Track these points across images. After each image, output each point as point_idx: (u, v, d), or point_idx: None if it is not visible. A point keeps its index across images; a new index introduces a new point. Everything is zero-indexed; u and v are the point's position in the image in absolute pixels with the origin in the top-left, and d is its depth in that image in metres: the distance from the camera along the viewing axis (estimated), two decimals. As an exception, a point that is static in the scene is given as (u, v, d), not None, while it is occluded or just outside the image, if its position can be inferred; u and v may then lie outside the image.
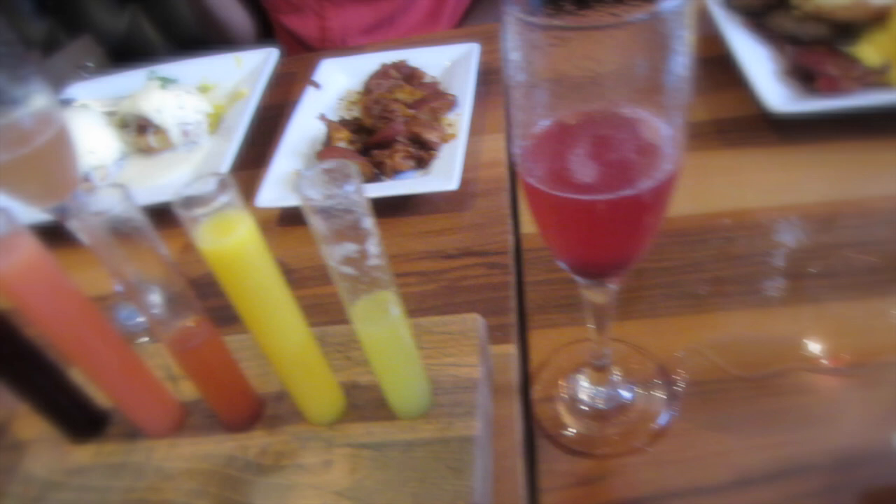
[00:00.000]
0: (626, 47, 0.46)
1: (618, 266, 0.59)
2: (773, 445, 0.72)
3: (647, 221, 0.53)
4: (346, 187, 0.47)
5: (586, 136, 0.51)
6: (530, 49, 0.45)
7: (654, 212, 0.52)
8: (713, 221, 0.97)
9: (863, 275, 0.86)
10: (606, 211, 0.51)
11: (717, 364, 0.80)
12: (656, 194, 0.51)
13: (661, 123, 0.50)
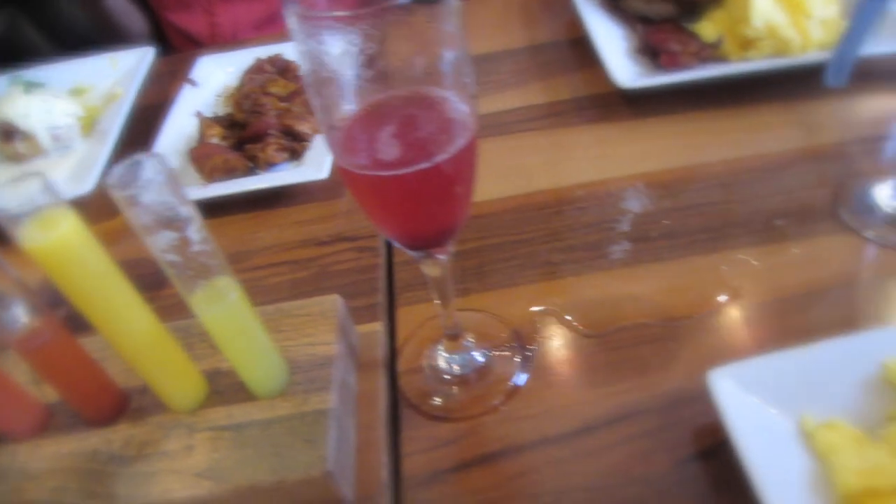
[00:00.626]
0: (407, 36, 0.50)
1: (438, 236, 0.63)
2: (614, 394, 0.78)
3: (453, 191, 0.58)
4: (149, 177, 0.49)
5: (386, 118, 0.55)
6: (313, 41, 0.48)
7: (457, 181, 0.57)
8: (569, 194, 1.03)
9: (698, 233, 0.94)
10: (412, 184, 0.55)
11: (566, 325, 0.86)
12: (455, 164, 0.55)
13: (455, 101, 0.55)
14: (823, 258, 0.89)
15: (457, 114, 0.55)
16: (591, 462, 0.73)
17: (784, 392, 0.70)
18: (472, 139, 0.56)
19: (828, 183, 0.98)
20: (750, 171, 1.01)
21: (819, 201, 0.95)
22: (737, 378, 0.71)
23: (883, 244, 0.89)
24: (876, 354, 0.72)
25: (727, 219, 0.95)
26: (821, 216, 0.93)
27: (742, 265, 0.89)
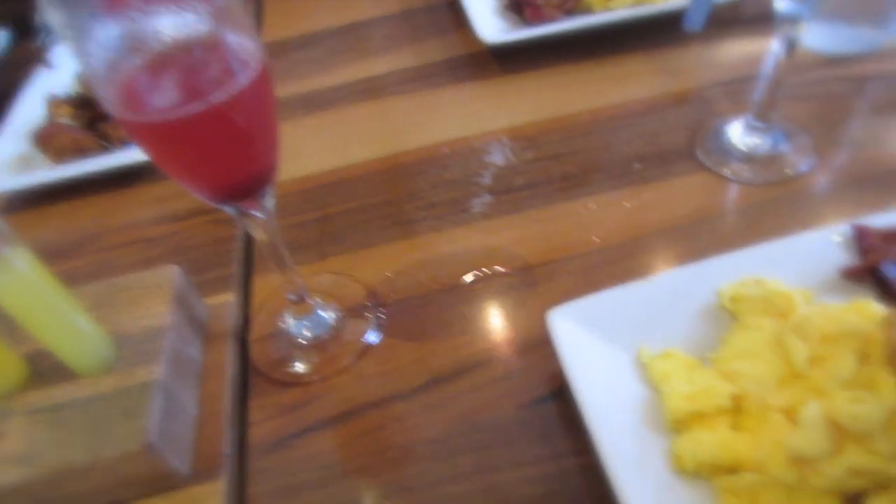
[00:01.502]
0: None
1: (241, 186, 0.60)
2: (465, 345, 0.77)
3: (241, 133, 0.55)
4: None
5: (164, 66, 0.52)
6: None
7: (244, 121, 0.54)
8: (434, 152, 1.01)
9: (559, 182, 0.93)
10: (193, 127, 0.52)
11: (422, 281, 0.84)
12: (238, 103, 0.52)
13: (236, 41, 0.52)
14: (680, 197, 0.89)
15: (239, 53, 0.53)
16: (438, 413, 0.72)
17: (622, 326, 0.69)
18: (256, 78, 0.53)
19: (687, 126, 0.98)
20: (613, 118, 1.01)
21: (678, 144, 0.95)
22: (575, 316, 0.70)
23: (736, 180, 0.89)
24: (711, 282, 0.72)
25: (588, 166, 0.94)
26: (679, 157, 0.94)
27: (600, 209, 0.88)
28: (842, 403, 0.56)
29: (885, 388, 0.58)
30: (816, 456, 0.55)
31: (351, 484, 0.67)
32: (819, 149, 0.91)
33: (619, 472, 0.58)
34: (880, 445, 0.55)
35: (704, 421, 0.61)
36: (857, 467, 0.55)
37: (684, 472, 0.60)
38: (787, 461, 0.56)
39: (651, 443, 0.62)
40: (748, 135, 0.92)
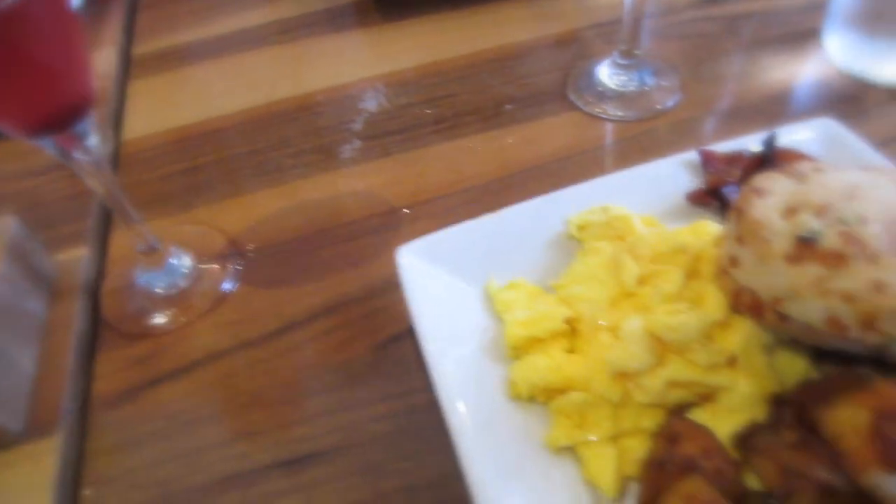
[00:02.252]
0: None
1: (44, 114, 0.56)
2: (322, 290, 0.75)
3: (30, 49, 0.51)
4: None
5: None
6: None
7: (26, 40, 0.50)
8: (309, 100, 0.98)
9: (430, 126, 0.91)
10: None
11: (285, 228, 0.81)
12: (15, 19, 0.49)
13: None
14: (550, 136, 0.88)
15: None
16: (290, 358, 0.70)
17: (472, 260, 0.68)
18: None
19: (561, 67, 0.97)
20: (488, 62, 1.00)
21: (551, 85, 0.95)
22: (424, 252, 0.68)
23: (605, 117, 0.89)
24: (561, 213, 0.71)
25: (461, 109, 0.93)
26: (551, 98, 0.93)
27: (470, 151, 0.87)
28: (661, 316, 0.56)
29: (711, 302, 0.59)
30: (637, 369, 0.55)
31: (195, 433, 0.65)
32: (686, 85, 0.92)
33: (450, 401, 0.58)
34: (699, 356, 0.56)
35: (541, 346, 0.61)
36: (677, 379, 0.56)
37: (519, 398, 0.60)
38: (610, 378, 0.56)
39: (490, 371, 0.62)
40: (616, 73, 0.92)
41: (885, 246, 0.50)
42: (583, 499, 0.55)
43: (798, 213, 0.54)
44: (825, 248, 0.51)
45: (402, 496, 0.60)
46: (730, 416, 0.56)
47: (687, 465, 0.50)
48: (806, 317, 0.52)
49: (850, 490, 0.47)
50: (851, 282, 0.50)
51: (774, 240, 0.53)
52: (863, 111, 0.86)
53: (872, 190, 0.54)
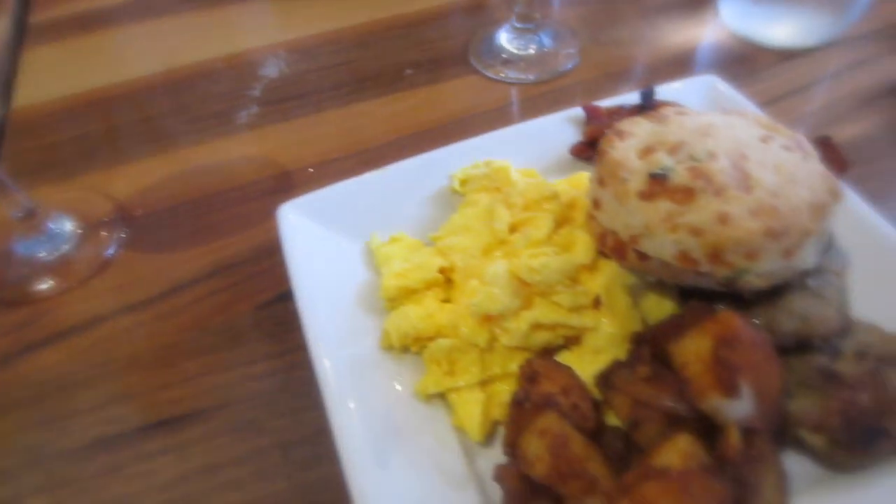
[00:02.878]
0: None
1: None
2: (208, 253, 0.73)
3: None
4: None
5: None
6: None
7: None
8: (207, 67, 0.96)
9: (330, 90, 0.90)
10: None
11: (175, 193, 0.79)
12: None
13: None
14: (448, 99, 0.88)
15: None
16: (172, 320, 0.68)
17: (355, 217, 0.68)
18: None
19: (464, 33, 0.97)
20: (391, 28, 0.99)
21: (452, 50, 0.94)
22: (306, 210, 0.67)
23: (503, 80, 0.89)
24: (446, 169, 0.71)
25: (361, 75, 0.92)
26: (452, 63, 0.93)
27: (368, 115, 0.87)
28: (525, 259, 0.56)
29: (580, 247, 0.59)
30: (501, 312, 0.55)
31: (69, 398, 0.63)
32: (586, 49, 0.92)
33: (319, 355, 0.57)
34: (563, 298, 0.56)
35: (415, 297, 0.61)
36: (542, 321, 0.56)
37: (392, 348, 0.60)
38: (477, 322, 0.56)
39: (365, 324, 0.61)
40: (515, 38, 0.92)
41: (732, 180, 0.51)
42: (452, 444, 0.55)
43: (654, 153, 0.54)
44: (675, 183, 0.52)
45: (277, 452, 0.59)
46: (595, 356, 0.56)
47: (544, 402, 0.50)
48: (659, 253, 0.52)
49: (694, 416, 0.48)
50: (698, 215, 0.50)
51: (630, 179, 0.54)
52: (753, 71, 0.88)
53: (726, 129, 0.55)
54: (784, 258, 0.51)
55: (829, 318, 0.54)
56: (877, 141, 0.79)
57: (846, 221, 0.66)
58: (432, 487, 0.52)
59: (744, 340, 0.47)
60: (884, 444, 0.51)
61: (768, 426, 0.48)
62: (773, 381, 0.48)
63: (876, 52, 0.89)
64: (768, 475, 0.48)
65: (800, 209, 0.51)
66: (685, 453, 0.45)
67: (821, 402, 0.52)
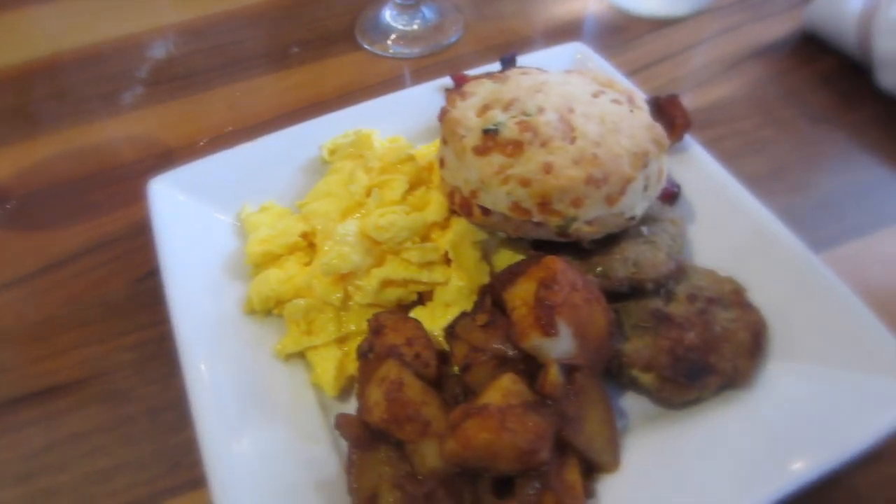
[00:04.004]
0: None
1: None
2: (86, 231, 0.73)
3: None
4: None
5: None
6: None
7: None
8: (93, 51, 0.95)
9: (217, 70, 0.91)
10: None
11: (56, 173, 0.79)
12: None
13: None
14: (333, 74, 0.89)
15: None
16: (47, 296, 0.68)
17: (227, 188, 0.68)
18: None
19: (352, 11, 0.98)
20: (279, 8, 1.00)
21: (339, 28, 0.96)
22: (178, 184, 0.68)
23: (387, 55, 0.91)
24: (317, 139, 0.72)
25: (248, 53, 0.93)
26: (338, 40, 0.94)
27: (253, 92, 0.88)
28: (373, 219, 0.58)
29: (433, 206, 0.61)
30: (352, 270, 0.57)
31: (-66, 377, 0.63)
32: (469, 24, 0.95)
33: (181, 323, 0.57)
34: (413, 255, 0.58)
35: (278, 261, 0.62)
36: (392, 277, 0.58)
37: (254, 312, 0.61)
38: (330, 282, 0.58)
39: (231, 291, 0.62)
40: (398, 14, 0.94)
41: (557, 132, 0.54)
42: (309, 401, 0.57)
43: (490, 110, 0.57)
44: (505, 137, 0.54)
45: (145, 418, 0.60)
46: (445, 310, 0.58)
47: (387, 352, 0.52)
48: (496, 205, 0.55)
49: (519, 357, 0.51)
50: (526, 166, 0.53)
51: (467, 135, 0.56)
52: (627, 40, 0.91)
53: (560, 86, 0.58)
54: (608, 204, 0.54)
55: (659, 263, 0.57)
56: (738, 102, 0.83)
57: (691, 174, 0.70)
58: (286, 443, 0.54)
59: (562, 282, 0.50)
60: (709, 379, 0.55)
61: (591, 364, 0.51)
62: (595, 322, 0.51)
63: (742, 19, 0.93)
64: (593, 410, 0.51)
65: (620, 157, 0.54)
66: (506, 391, 0.48)
67: (652, 342, 0.56)
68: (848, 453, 0.52)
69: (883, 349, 0.55)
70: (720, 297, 0.58)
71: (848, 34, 0.83)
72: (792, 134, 0.79)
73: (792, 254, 0.61)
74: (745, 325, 0.57)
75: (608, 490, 0.51)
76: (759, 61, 0.88)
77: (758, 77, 0.86)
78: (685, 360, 0.54)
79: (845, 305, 0.57)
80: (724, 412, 0.55)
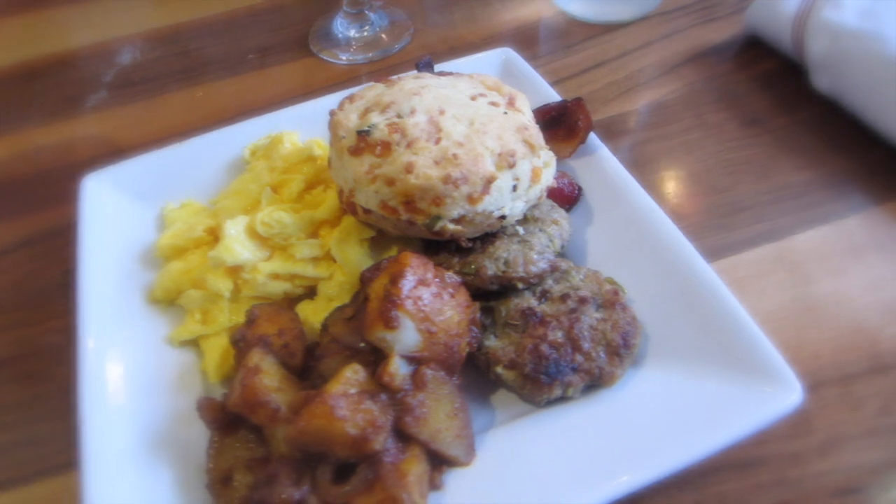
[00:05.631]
0: None
1: None
2: (28, 224, 0.79)
3: None
4: None
5: None
6: None
7: None
8: (67, 57, 1.01)
9: (176, 74, 0.96)
10: None
11: (10, 172, 0.86)
12: None
13: None
14: (284, 80, 0.93)
15: None
16: (-14, 283, 0.74)
17: (155, 185, 0.72)
18: None
19: (307, 21, 1.02)
20: (241, 17, 1.04)
21: (295, 37, 0.99)
22: (111, 180, 0.72)
23: (335, 62, 0.94)
24: (243, 141, 0.76)
25: (207, 60, 0.98)
26: (292, 47, 0.98)
27: (208, 96, 0.92)
28: (260, 216, 0.61)
29: (326, 204, 0.64)
30: (238, 263, 0.60)
31: None
32: (418, 31, 0.97)
33: (85, 303, 0.62)
34: (299, 251, 0.61)
35: (185, 254, 0.66)
36: (278, 271, 0.61)
37: (158, 301, 0.65)
38: (221, 274, 0.61)
39: (142, 282, 0.66)
40: (348, 23, 0.97)
41: (423, 133, 0.56)
42: (195, 385, 0.60)
43: (370, 112, 0.59)
44: (375, 138, 0.56)
45: (57, 397, 0.64)
46: (328, 304, 0.61)
47: (257, 342, 0.55)
48: (368, 203, 0.57)
49: (368, 349, 0.52)
50: (392, 166, 0.55)
51: (347, 137, 0.58)
52: (570, 45, 0.92)
53: (438, 89, 0.60)
54: (470, 203, 0.55)
55: (529, 262, 0.58)
56: (669, 106, 0.83)
57: (595, 176, 0.71)
58: (164, 424, 0.57)
59: (409, 277, 0.51)
60: (571, 378, 0.55)
61: (441, 358, 0.52)
62: (446, 317, 0.53)
63: (686, 24, 0.93)
64: (438, 404, 0.52)
65: (482, 157, 0.55)
66: (347, 380, 0.50)
67: (518, 340, 0.57)
68: (700, 455, 0.52)
69: (755, 354, 0.55)
70: (595, 298, 0.59)
71: (784, 36, 0.82)
72: (718, 137, 0.79)
73: (678, 256, 0.61)
74: (614, 326, 0.57)
75: (457, 483, 0.52)
76: (698, 65, 0.87)
77: (694, 81, 0.86)
78: (546, 359, 0.55)
79: (724, 309, 0.57)
80: (586, 411, 0.56)
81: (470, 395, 0.57)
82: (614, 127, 0.81)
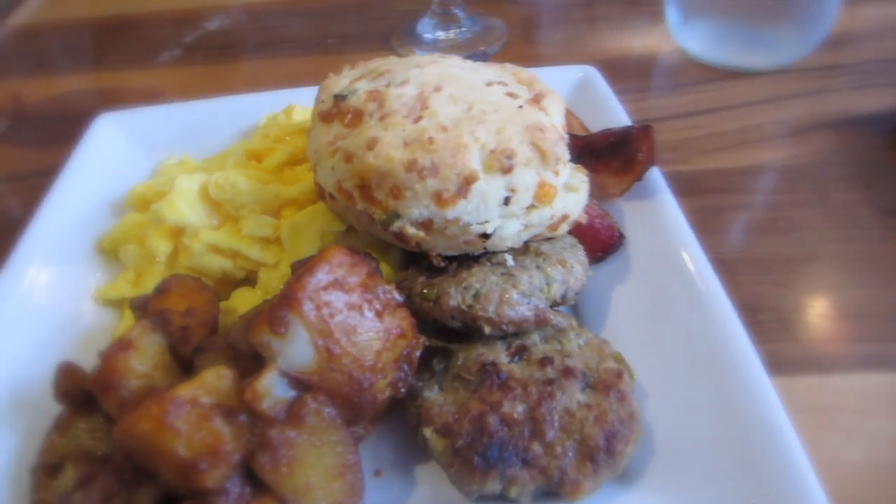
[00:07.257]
0: None
1: None
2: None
3: None
4: None
5: None
6: None
7: None
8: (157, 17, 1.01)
9: (250, 48, 0.92)
10: None
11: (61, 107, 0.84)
12: None
13: None
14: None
15: None
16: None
17: (165, 136, 0.66)
18: None
19: (394, 17, 0.94)
20: (334, 6, 0.99)
21: (378, 29, 0.92)
22: (122, 123, 0.67)
23: (413, 60, 0.86)
24: (264, 111, 0.68)
25: (288, 37, 0.93)
26: (372, 39, 0.91)
27: (275, 69, 0.87)
28: (215, 176, 0.51)
29: (300, 182, 0.53)
30: (178, 222, 0.50)
31: None
32: (510, 43, 0.87)
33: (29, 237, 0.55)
34: (250, 226, 0.50)
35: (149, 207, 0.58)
36: (219, 244, 0.50)
37: (106, 252, 0.56)
38: (163, 234, 0.52)
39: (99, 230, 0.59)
40: (436, 23, 0.88)
41: (404, 107, 0.44)
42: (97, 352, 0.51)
43: (362, 79, 0.48)
44: (349, 104, 0.45)
45: None
46: (265, 296, 0.49)
47: (156, 315, 0.45)
48: (326, 183, 0.46)
49: (251, 354, 0.40)
50: (355, 139, 0.43)
51: (326, 101, 0.48)
52: (683, 84, 0.77)
53: (450, 67, 0.48)
54: (437, 204, 0.42)
55: (505, 303, 0.43)
56: (786, 173, 0.65)
57: (644, 223, 0.54)
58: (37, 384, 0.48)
59: (319, 274, 0.39)
60: (517, 474, 0.40)
61: (336, 390, 0.39)
62: (360, 339, 0.39)
63: (830, 85, 0.74)
64: (313, 451, 0.38)
65: (466, 148, 0.42)
66: (205, 384, 0.37)
67: (464, 400, 0.42)
68: None
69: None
70: (587, 374, 0.43)
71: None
72: (842, 221, 0.59)
73: (728, 355, 0.43)
74: (600, 418, 0.41)
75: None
76: (835, 133, 0.69)
77: (825, 150, 0.67)
78: (490, 435, 0.40)
79: (774, 444, 0.39)
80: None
81: (392, 459, 0.43)
82: (703, 182, 0.64)
